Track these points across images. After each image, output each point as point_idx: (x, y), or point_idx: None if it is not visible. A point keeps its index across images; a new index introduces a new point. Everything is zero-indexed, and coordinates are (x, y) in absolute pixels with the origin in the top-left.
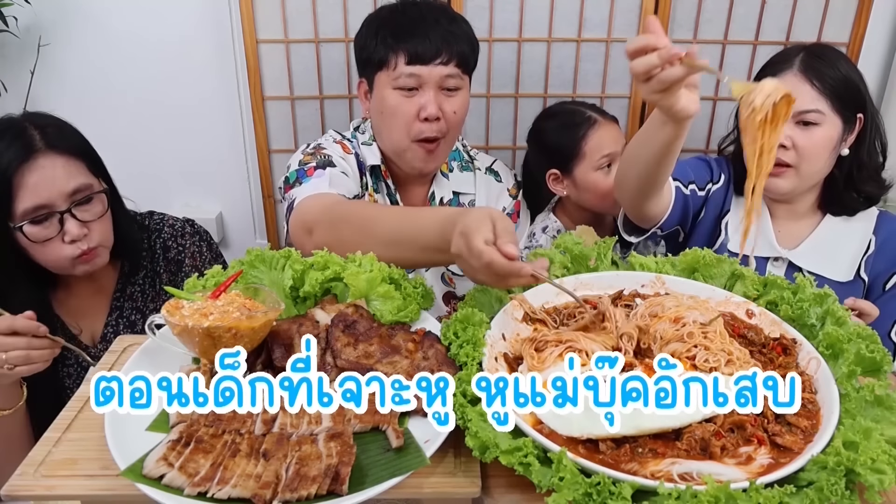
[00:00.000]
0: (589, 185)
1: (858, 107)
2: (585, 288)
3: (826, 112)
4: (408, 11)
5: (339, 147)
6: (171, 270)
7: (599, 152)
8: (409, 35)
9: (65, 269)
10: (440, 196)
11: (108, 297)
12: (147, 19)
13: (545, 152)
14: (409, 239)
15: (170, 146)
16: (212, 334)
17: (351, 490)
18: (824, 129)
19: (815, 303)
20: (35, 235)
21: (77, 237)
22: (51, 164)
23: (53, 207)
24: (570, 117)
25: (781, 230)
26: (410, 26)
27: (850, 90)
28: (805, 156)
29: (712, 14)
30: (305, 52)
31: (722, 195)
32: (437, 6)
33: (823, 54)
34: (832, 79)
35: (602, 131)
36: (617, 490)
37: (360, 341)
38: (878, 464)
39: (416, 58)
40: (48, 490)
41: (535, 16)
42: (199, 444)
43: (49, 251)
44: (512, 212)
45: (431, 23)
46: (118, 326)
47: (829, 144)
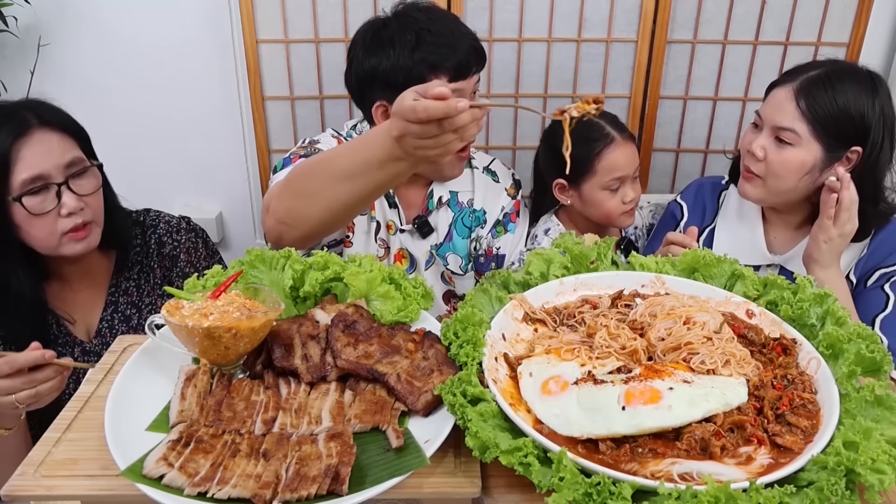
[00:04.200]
0: (595, 202)
1: (855, 140)
2: (585, 288)
3: (803, 135)
4: (433, 28)
5: (336, 142)
6: (166, 266)
7: (611, 173)
8: (449, 54)
9: (53, 248)
10: (439, 195)
11: (103, 291)
12: (147, 20)
13: (556, 159)
14: (364, 161)
15: (170, 146)
16: (212, 334)
17: (351, 490)
18: (798, 151)
19: (815, 303)
20: (34, 207)
21: (74, 210)
22: (46, 139)
23: (50, 179)
24: (588, 130)
25: (777, 237)
26: (446, 45)
27: (844, 122)
28: (772, 171)
29: (712, 14)
30: (305, 52)
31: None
32: (447, 15)
33: (834, 80)
34: (823, 106)
35: (618, 151)
36: (617, 490)
37: (360, 341)
38: (879, 464)
39: (458, 75)
40: (48, 490)
41: (535, 16)
42: (199, 444)
43: (44, 225)
44: (511, 211)
45: (460, 36)
46: (113, 321)
47: (799, 168)
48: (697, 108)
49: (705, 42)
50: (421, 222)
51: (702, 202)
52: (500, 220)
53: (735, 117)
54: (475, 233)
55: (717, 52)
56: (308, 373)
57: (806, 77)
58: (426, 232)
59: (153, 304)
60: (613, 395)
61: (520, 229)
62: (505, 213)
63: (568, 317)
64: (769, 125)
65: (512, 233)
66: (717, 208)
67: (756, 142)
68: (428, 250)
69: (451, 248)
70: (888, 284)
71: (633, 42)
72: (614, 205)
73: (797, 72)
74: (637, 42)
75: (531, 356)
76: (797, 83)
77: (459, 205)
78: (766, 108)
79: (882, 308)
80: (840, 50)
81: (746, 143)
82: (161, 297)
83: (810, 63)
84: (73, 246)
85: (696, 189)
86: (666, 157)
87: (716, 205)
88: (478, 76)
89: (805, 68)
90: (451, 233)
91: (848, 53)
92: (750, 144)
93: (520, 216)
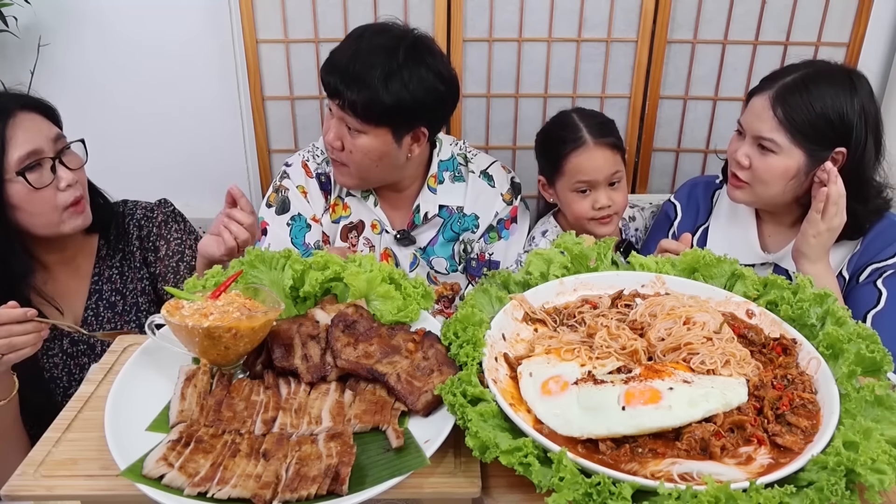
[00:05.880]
0: (565, 202)
1: (838, 141)
2: (585, 288)
3: (783, 144)
4: (344, 45)
5: (303, 172)
6: (145, 248)
7: (576, 176)
8: (327, 64)
9: (56, 224)
10: (425, 211)
11: (87, 280)
12: (147, 20)
13: (542, 156)
14: None
15: (169, 146)
16: (212, 334)
17: (351, 490)
18: (780, 158)
19: (815, 303)
20: (36, 181)
21: (71, 182)
22: (31, 118)
23: (44, 154)
24: (563, 130)
25: (771, 235)
26: (332, 60)
27: (822, 127)
28: (758, 178)
29: (712, 14)
30: (305, 52)
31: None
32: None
33: (809, 84)
34: (800, 113)
35: (585, 155)
36: (617, 490)
37: (360, 341)
38: (879, 464)
39: (326, 87)
40: (48, 490)
41: (535, 16)
42: (199, 444)
43: (46, 200)
44: (506, 218)
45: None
46: (98, 308)
47: (784, 174)
48: (697, 108)
49: (705, 42)
50: (403, 236)
51: (695, 202)
52: (494, 225)
53: (735, 117)
54: (463, 236)
55: (717, 52)
56: (308, 373)
57: (782, 84)
58: (408, 243)
59: (136, 289)
60: (613, 395)
61: (515, 236)
62: (499, 219)
63: (568, 317)
64: (750, 134)
65: (506, 239)
66: (710, 207)
67: (740, 150)
68: (412, 252)
69: (434, 252)
70: (880, 280)
71: (633, 42)
72: (583, 208)
73: (774, 78)
74: (637, 42)
75: (531, 356)
76: (773, 91)
77: (449, 210)
78: (747, 116)
79: (874, 304)
80: (840, 50)
81: (731, 151)
82: (143, 281)
83: (788, 67)
84: (74, 220)
85: (689, 189)
86: (666, 157)
87: (709, 204)
88: (344, 107)
89: (782, 73)
90: (436, 238)
91: (848, 53)
92: (735, 153)
93: (517, 222)
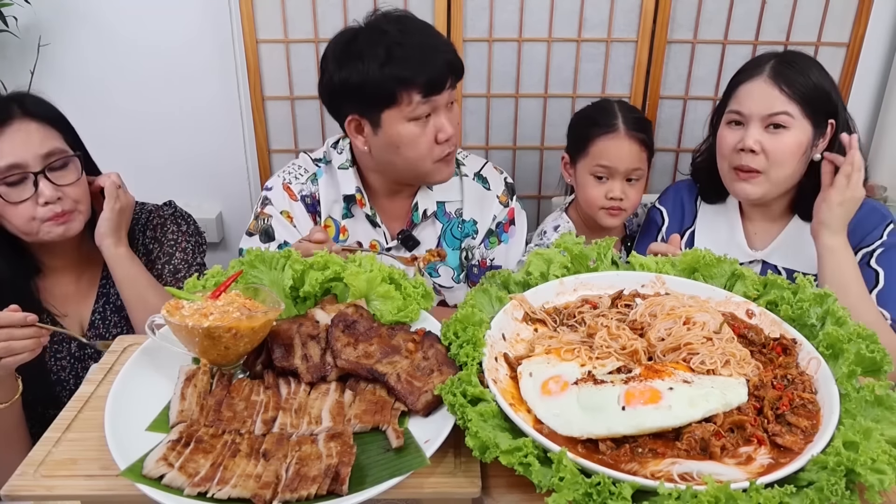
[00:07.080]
0: (581, 184)
1: (829, 113)
2: (585, 288)
3: (796, 116)
4: (404, 41)
5: (286, 195)
6: (151, 249)
7: (598, 159)
8: (420, 69)
9: (34, 233)
10: (424, 208)
11: (95, 283)
12: (147, 20)
13: (569, 132)
14: None
15: (170, 146)
16: (212, 334)
17: (351, 490)
18: (794, 133)
19: (815, 303)
20: (9, 196)
21: (51, 199)
22: (25, 129)
23: (27, 168)
24: (600, 113)
25: (757, 232)
26: (418, 59)
27: (821, 96)
28: (774, 161)
29: (712, 14)
30: (305, 52)
31: (676, 229)
32: (421, 27)
33: (794, 61)
34: (802, 85)
35: (613, 142)
36: (617, 490)
37: (360, 341)
38: (879, 464)
39: (430, 90)
40: (48, 490)
41: (535, 16)
42: (199, 444)
43: (22, 212)
44: (504, 221)
45: (431, 50)
46: (105, 312)
47: (798, 149)
48: (697, 108)
49: (705, 42)
50: (405, 237)
51: (680, 206)
52: (493, 229)
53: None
54: (465, 243)
55: (717, 52)
56: (308, 373)
57: (770, 66)
58: (411, 245)
59: None
60: (613, 395)
61: (515, 238)
62: (498, 223)
63: (568, 317)
64: (757, 117)
65: (506, 243)
66: (696, 210)
67: (749, 137)
68: (415, 271)
69: (441, 263)
70: (873, 260)
71: (633, 42)
72: (596, 195)
73: (755, 65)
74: (637, 42)
75: (531, 356)
76: (767, 72)
77: (447, 215)
78: (747, 102)
79: (875, 283)
80: (840, 50)
81: (733, 142)
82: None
83: (759, 57)
84: (54, 230)
85: (673, 193)
86: (666, 157)
87: (694, 207)
88: (452, 88)
89: (758, 61)
90: (440, 245)
91: (848, 53)
92: (740, 142)
93: (515, 224)
